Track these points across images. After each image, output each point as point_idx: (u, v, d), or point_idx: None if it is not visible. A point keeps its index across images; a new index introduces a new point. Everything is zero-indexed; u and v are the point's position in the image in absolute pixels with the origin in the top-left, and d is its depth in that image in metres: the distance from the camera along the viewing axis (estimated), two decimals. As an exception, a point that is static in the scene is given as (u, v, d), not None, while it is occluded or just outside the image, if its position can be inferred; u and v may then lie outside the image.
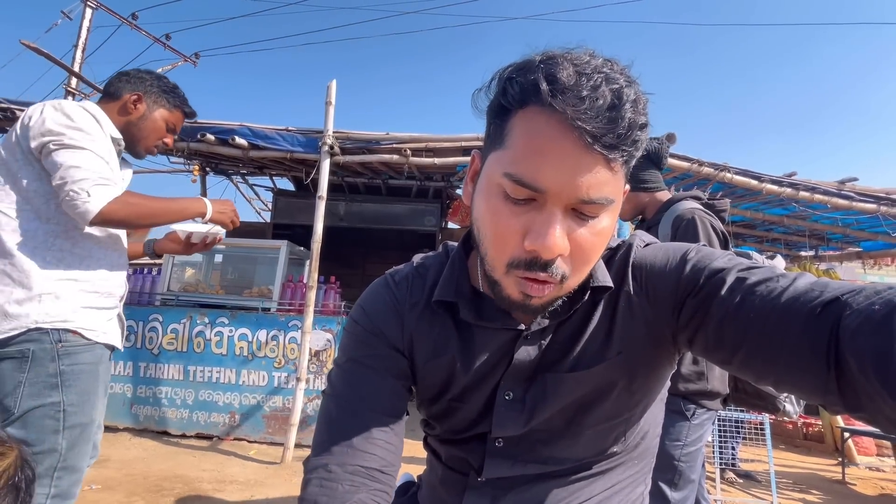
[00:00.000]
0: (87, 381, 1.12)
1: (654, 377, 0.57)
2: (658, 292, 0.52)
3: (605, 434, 0.57)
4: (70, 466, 1.10)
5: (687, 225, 1.46)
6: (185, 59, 7.93)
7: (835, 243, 4.90)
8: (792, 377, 0.40)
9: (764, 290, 0.43)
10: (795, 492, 3.32)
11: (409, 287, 0.62)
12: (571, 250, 0.45)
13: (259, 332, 3.35)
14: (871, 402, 0.35)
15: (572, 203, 0.44)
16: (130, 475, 2.52)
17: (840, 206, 3.40)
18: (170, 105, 1.37)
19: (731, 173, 3.21)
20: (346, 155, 3.36)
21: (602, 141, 0.41)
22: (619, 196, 0.47)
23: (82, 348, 1.13)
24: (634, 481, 0.61)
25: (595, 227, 0.46)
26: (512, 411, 0.56)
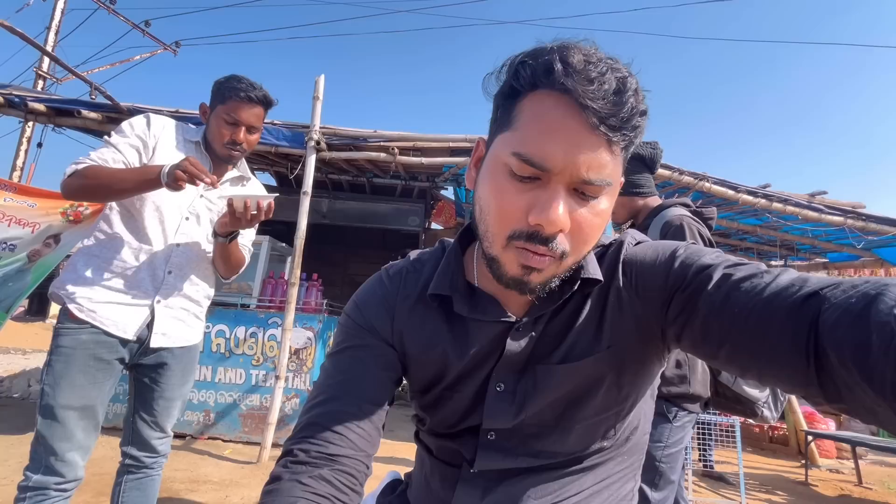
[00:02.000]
0: (61, 365, 1.18)
1: (643, 372, 0.58)
2: (647, 288, 0.54)
3: (594, 428, 0.58)
4: (46, 446, 1.15)
5: (675, 231, 1.50)
6: (165, 48, 7.70)
7: (803, 254, 5.11)
8: (774, 370, 0.41)
9: (748, 285, 0.44)
10: (762, 492, 3.44)
11: (402, 281, 0.63)
12: (571, 228, 0.48)
13: (237, 329, 3.28)
14: (850, 393, 0.36)
15: (574, 182, 0.46)
16: (98, 474, 2.42)
17: (810, 218, 3.55)
18: (221, 99, 1.34)
19: (710, 183, 3.32)
20: (332, 151, 3.31)
21: (607, 122, 0.44)
22: (617, 180, 0.49)
23: (65, 331, 1.21)
24: (624, 476, 0.62)
25: (595, 208, 0.48)
26: (503, 403, 0.57)
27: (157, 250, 1.30)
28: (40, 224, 3.02)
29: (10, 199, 3.01)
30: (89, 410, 1.20)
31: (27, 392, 4.53)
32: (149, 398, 1.34)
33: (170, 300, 1.32)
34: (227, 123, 1.34)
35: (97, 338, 1.21)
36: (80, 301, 1.21)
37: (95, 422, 1.23)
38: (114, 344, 1.24)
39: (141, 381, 1.34)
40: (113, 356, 1.24)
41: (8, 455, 2.74)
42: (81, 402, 1.18)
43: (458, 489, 0.60)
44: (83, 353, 1.19)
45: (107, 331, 1.22)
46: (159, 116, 1.37)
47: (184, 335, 1.37)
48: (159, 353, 1.32)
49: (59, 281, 1.26)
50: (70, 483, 1.18)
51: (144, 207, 1.29)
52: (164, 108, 3.19)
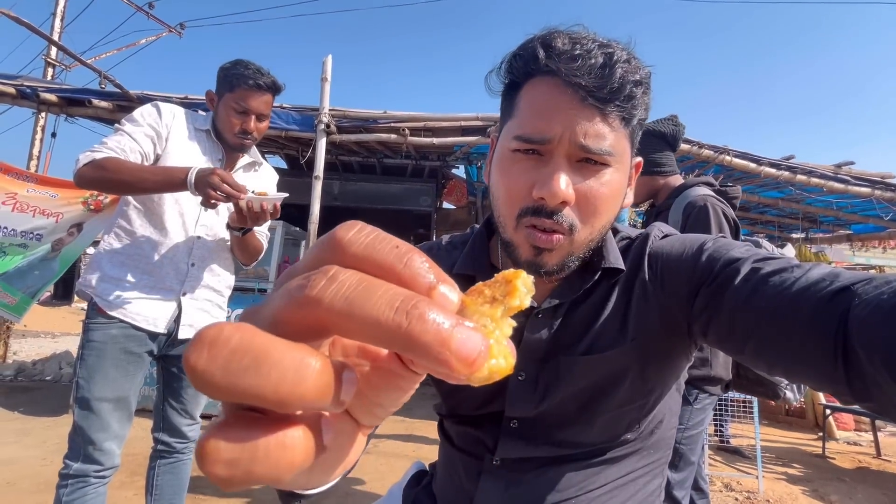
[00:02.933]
0: (93, 359, 1.22)
1: (668, 366, 0.57)
2: (674, 281, 0.53)
3: (618, 420, 0.58)
4: (84, 436, 1.20)
5: (699, 212, 1.45)
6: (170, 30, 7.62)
7: (826, 226, 4.97)
8: (801, 367, 0.40)
9: (777, 280, 0.43)
10: (778, 465, 3.45)
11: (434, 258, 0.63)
12: (578, 200, 0.49)
13: (255, 313, 3.34)
14: (880, 392, 0.34)
15: (574, 152, 0.48)
16: (131, 455, 2.53)
17: (835, 190, 3.43)
18: (228, 87, 1.31)
19: (731, 156, 3.21)
20: (342, 134, 3.28)
21: (596, 95, 0.46)
22: (622, 154, 0.50)
23: (95, 326, 1.24)
24: (650, 472, 0.61)
25: (600, 179, 0.49)
26: (524, 392, 0.57)
27: (178, 244, 1.31)
28: (63, 213, 3.11)
29: (33, 189, 3.10)
30: (123, 402, 1.25)
31: (59, 374, 4.72)
32: (177, 387, 1.38)
33: (195, 293, 1.35)
34: (236, 112, 1.31)
35: (127, 332, 1.25)
36: (110, 298, 1.24)
37: (129, 412, 1.28)
38: (143, 337, 1.27)
39: (169, 371, 1.39)
40: (143, 349, 1.28)
41: (46, 437, 2.87)
42: (115, 394, 1.23)
43: (482, 480, 0.60)
44: (114, 347, 1.23)
45: (137, 325, 1.25)
46: (168, 105, 1.36)
47: None
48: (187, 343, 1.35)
49: (85, 278, 1.28)
50: (108, 470, 1.23)
51: (164, 201, 1.30)
52: (174, 95, 3.17)
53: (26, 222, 3.07)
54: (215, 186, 1.13)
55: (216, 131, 1.37)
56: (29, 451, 2.63)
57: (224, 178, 1.15)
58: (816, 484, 3.08)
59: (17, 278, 3.09)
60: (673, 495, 1.42)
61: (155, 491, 1.40)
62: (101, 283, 1.25)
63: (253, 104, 1.32)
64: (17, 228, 3.06)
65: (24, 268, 3.11)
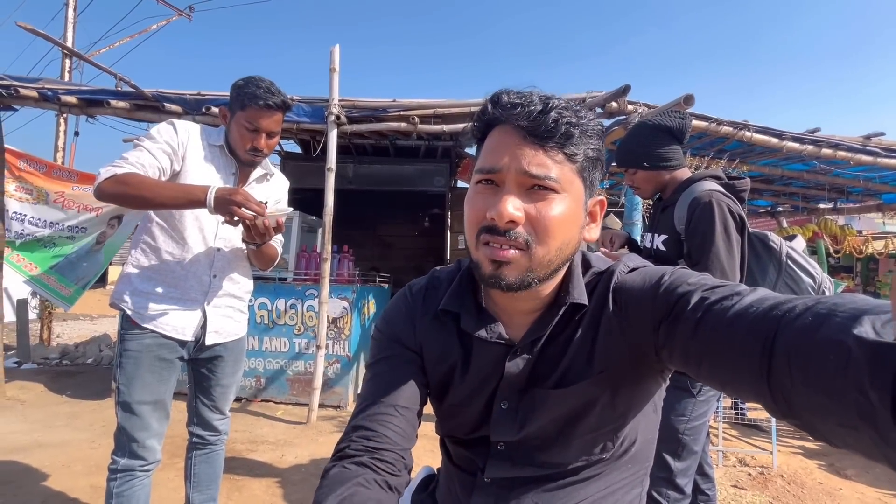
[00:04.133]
0: (131, 366, 1.32)
1: (638, 392, 0.62)
2: (636, 315, 0.57)
3: (591, 442, 0.63)
4: (128, 436, 1.32)
5: (703, 208, 1.43)
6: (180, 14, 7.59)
7: (855, 196, 4.77)
8: (740, 385, 0.44)
9: (718, 307, 0.47)
10: (795, 439, 3.47)
11: (423, 298, 0.71)
12: (530, 220, 0.55)
13: (278, 301, 3.47)
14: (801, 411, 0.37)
15: (523, 179, 0.55)
16: (170, 436, 2.72)
17: (864, 163, 3.28)
18: (240, 105, 1.35)
19: (751, 132, 3.09)
20: (352, 124, 3.28)
21: (534, 133, 0.54)
22: (570, 185, 0.56)
23: (130, 336, 1.33)
24: (629, 483, 0.67)
25: (549, 203, 0.55)
26: (506, 419, 0.63)
27: (200, 257, 1.39)
28: (103, 207, 3.35)
29: (77, 187, 3.35)
30: (160, 403, 1.36)
31: (99, 357, 5.03)
32: (207, 386, 1.50)
33: (217, 301, 1.44)
34: (247, 130, 1.36)
35: (159, 341, 1.35)
36: (141, 311, 1.34)
37: (166, 412, 1.39)
38: (173, 345, 1.37)
39: (199, 372, 1.50)
40: (174, 355, 1.38)
41: (93, 420, 3.11)
42: (153, 398, 1.34)
43: (474, 496, 0.66)
44: (149, 355, 1.33)
45: (168, 335, 1.35)
46: (183, 122, 1.41)
47: (233, 330, 1.50)
48: (214, 347, 1.45)
49: (117, 293, 1.37)
50: (151, 464, 1.36)
51: (184, 217, 1.37)
52: (187, 92, 3.22)
53: (73, 218, 3.35)
54: (240, 205, 1.20)
55: (229, 146, 1.42)
56: (79, 433, 2.86)
57: (247, 198, 1.22)
58: (833, 458, 3.10)
59: (69, 270, 3.38)
60: (676, 483, 1.47)
61: (193, 479, 1.53)
62: (133, 297, 1.35)
63: (263, 123, 1.36)
64: (65, 224, 3.35)
65: (73, 259, 3.40)
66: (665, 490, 1.48)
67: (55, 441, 2.71)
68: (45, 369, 4.49)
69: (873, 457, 0.33)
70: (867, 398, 0.31)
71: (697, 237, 1.44)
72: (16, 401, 3.45)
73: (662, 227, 1.61)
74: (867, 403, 0.31)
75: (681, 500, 1.49)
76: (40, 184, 3.29)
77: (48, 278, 3.32)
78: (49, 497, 2.07)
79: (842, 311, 0.35)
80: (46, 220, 3.29)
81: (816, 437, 0.38)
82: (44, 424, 2.99)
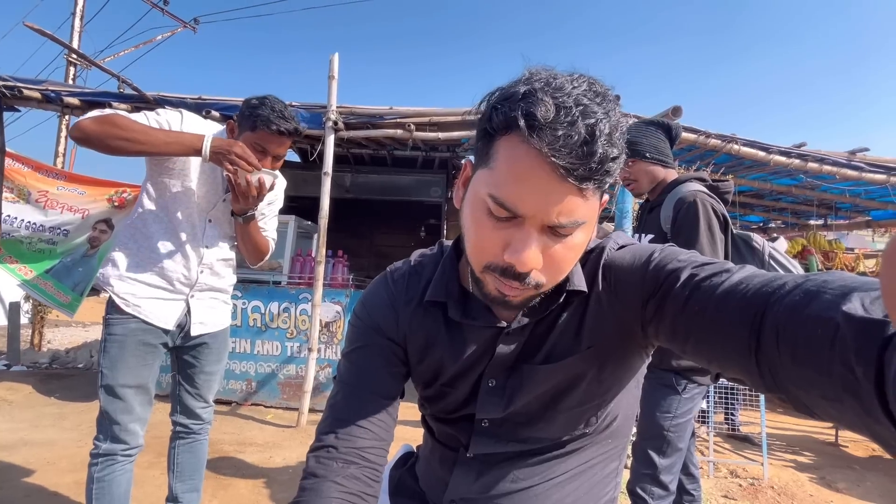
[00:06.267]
0: (115, 350, 1.33)
1: (623, 368, 0.63)
2: (626, 291, 0.57)
3: (576, 417, 0.63)
4: (110, 419, 1.32)
5: (688, 208, 1.48)
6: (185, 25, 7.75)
7: (844, 212, 4.85)
8: (727, 362, 0.44)
9: (708, 284, 0.47)
10: (788, 453, 3.46)
11: (405, 284, 0.68)
12: (546, 263, 0.50)
13: (271, 305, 3.47)
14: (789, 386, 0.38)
15: (546, 225, 0.49)
16: (157, 437, 2.69)
17: (849, 177, 3.35)
18: (251, 126, 1.35)
19: (739, 145, 3.17)
20: (349, 130, 3.35)
21: (575, 174, 0.45)
22: (591, 216, 0.51)
23: (115, 320, 1.34)
24: (607, 457, 0.68)
25: (568, 244, 0.51)
26: (493, 397, 0.63)
27: (190, 252, 1.41)
28: (89, 210, 3.26)
29: (63, 187, 3.26)
30: (143, 388, 1.37)
31: (90, 362, 4.99)
32: (191, 373, 1.50)
33: (201, 294, 1.46)
34: (254, 150, 1.34)
35: (143, 326, 1.36)
36: (126, 297, 1.35)
37: (149, 396, 1.39)
38: (158, 332, 1.38)
39: (183, 360, 1.50)
40: (158, 341, 1.39)
41: (81, 420, 3.08)
42: (136, 381, 1.35)
43: (456, 470, 0.67)
44: (133, 339, 1.34)
45: (150, 322, 1.37)
46: (192, 115, 1.41)
47: (217, 320, 1.52)
48: (199, 336, 1.47)
49: (104, 274, 1.38)
50: (133, 449, 1.36)
51: (176, 210, 1.39)
52: (188, 97, 3.29)
53: (54, 218, 3.23)
54: (240, 156, 1.21)
55: None
56: (66, 433, 2.83)
57: (246, 152, 1.23)
58: (825, 471, 3.09)
59: (66, 275, 3.27)
60: (660, 479, 1.48)
61: (176, 469, 1.53)
62: (119, 282, 1.36)
63: (272, 147, 1.36)
64: (45, 224, 3.22)
65: (69, 264, 3.28)
66: (649, 487, 1.49)
67: (41, 440, 2.69)
68: (34, 372, 4.45)
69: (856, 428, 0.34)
70: (852, 372, 0.31)
71: (682, 235, 1.48)
72: (3, 401, 3.41)
73: (649, 226, 1.66)
74: (852, 377, 0.31)
75: (665, 497, 1.49)
76: (23, 182, 3.20)
77: (44, 283, 3.24)
78: (33, 492, 2.05)
79: (831, 288, 0.36)
80: (25, 221, 3.18)
81: (799, 409, 0.39)
82: (30, 424, 2.96)
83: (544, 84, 0.47)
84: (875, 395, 0.29)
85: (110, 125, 1.17)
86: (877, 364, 0.29)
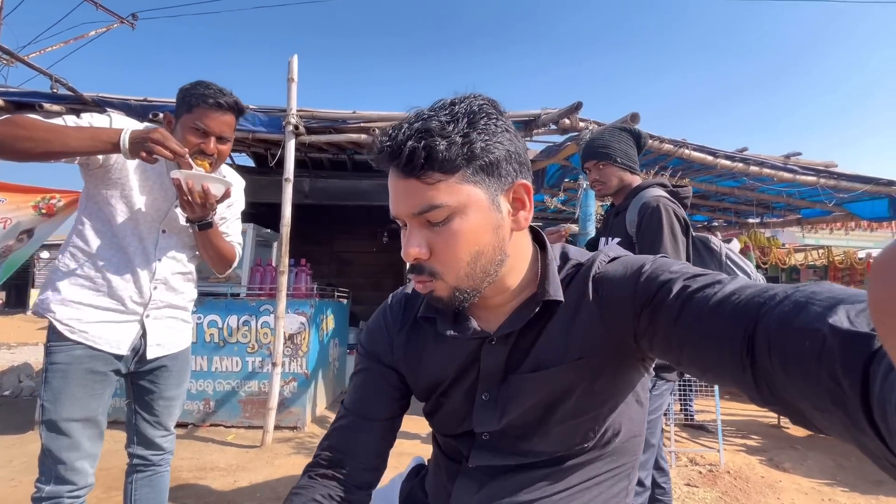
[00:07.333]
0: (58, 380, 1.19)
1: (619, 380, 0.62)
2: (617, 302, 0.58)
3: (573, 430, 0.63)
4: (54, 458, 1.18)
5: (652, 212, 1.55)
6: (122, 21, 7.24)
7: (778, 211, 5.27)
8: (722, 372, 0.45)
9: (700, 295, 0.48)
10: (738, 437, 3.69)
11: (401, 309, 0.74)
12: (433, 252, 0.57)
13: (230, 318, 3.29)
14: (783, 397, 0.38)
15: (414, 218, 0.57)
16: (105, 469, 2.47)
17: (785, 179, 3.64)
18: (187, 107, 1.24)
19: (689, 150, 3.36)
20: (311, 135, 3.24)
21: (403, 169, 0.55)
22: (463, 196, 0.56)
23: (58, 348, 1.21)
24: (615, 476, 0.66)
25: (447, 232, 0.56)
26: (487, 410, 0.65)
27: (139, 268, 1.28)
28: (11, 219, 2.95)
29: None
30: (92, 421, 1.23)
31: (18, 388, 4.52)
32: (149, 400, 1.37)
33: (158, 313, 1.33)
34: (194, 133, 1.24)
35: (91, 352, 1.22)
36: (70, 323, 1.21)
37: (99, 430, 1.26)
38: (108, 357, 1.25)
39: (139, 385, 1.37)
40: (108, 368, 1.26)
41: (11, 455, 2.77)
42: (83, 414, 1.21)
43: (458, 481, 0.68)
44: (78, 367, 1.21)
45: (100, 349, 1.24)
46: (123, 118, 1.28)
47: (176, 341, 1.39)
48: (157, 359, 1.35)
49: (43, 300, 1.24)
50: (82, 490, 1.22)
51: (122, 225, 1.27)
52: (132, 98, 3.05)
53: None
54: (157, 142, 1.08)
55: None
56: (-5, 471, 2.54)
57: (166, 136, 1.10)
58: (772, 453, 3.32)
59: None
60: (638, 477, 1.52)
61: None
62: (61, 307, 1.22)
63: (212, 124, 1.25)
64: None
65: None
66: (627, 484, 1.53)
67: (-35, 481, 2.39)
68: (-48, 403, 3.98)
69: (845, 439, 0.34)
70: (839, 385, 0.31)
71: (647, 238, 1.54)
72: (-85, 439, 3.02)
73: (615, 230, 1.72)
74: (839, 390, 0.32)
75: (641, 492, 1.54)
76: None
77: None
78: (-42, 543, 1.82)
79: (819, 300, 0.36)
80: None
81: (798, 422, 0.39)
82: (-49, 463, 2.63)
83: (410, 117, 0.57)
84: (861, 408, 0.30)
85: (12, 126, 1.06)
86: (862, 377, 0.30)
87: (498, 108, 0.59)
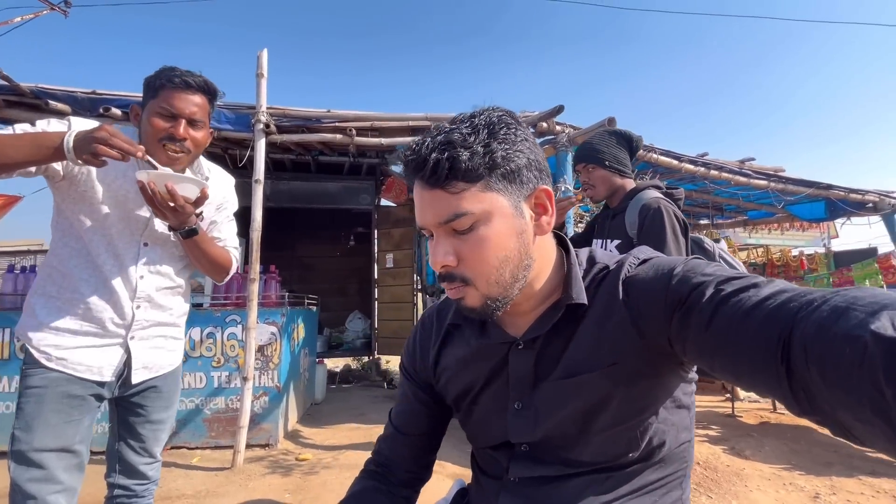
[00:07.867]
0: (32, 406, 1.08)
1: (657, 386, 0.60)
2: (650, 306, 0.56)
3: (615, 439, 0.61)
4: (25, 494, 1.05)
5: (654, 214, 1.57)
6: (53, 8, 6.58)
7: (729, 213, 5.64)
8: (756, 380, 0.44)
9: (735, 300, 0.46)
10: (699, 428, 3.88)
11: (433, 322, 0.78)
12: (461, 260, 0.58)
13: (192, 331, 3.04)
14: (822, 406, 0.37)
15: (438, 229, 0.58)
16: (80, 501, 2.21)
17: (740, 183, 3.90)
18: (153, 93, 1.11)
19: (657, 154, 3.51)
20: (283, 134, 3.06)
21: (426, 181, 0.57)
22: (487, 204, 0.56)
23: (35, 371, 1.10)
24: (666, 486, 0.64)
25: (473, 238, 0.57)
26: (520, 419, 0.64)
27: (118, 287, 1.15)
28: None
29: None
30: (68, 450, 1.09)
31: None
32: (134, 423, 1.24)
33: (143, 333, 1.21)
34: (162, 118, 1.10)
35: (69, 376, 1.10)
36: (47, 350, 1.09)
37: (78, 461, 1.11)
38: (87, 381, 1.12)
39: (124, 408, 1.24)
40: (87, 392, 1.13)
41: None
42: (59, 444, 1.08)
43: (502, 496, 0.66)
44: (55, 391, 1.08)
45: (81, 377, 1.11)
46: (82, 120, 1.14)
47: (166, 361, 1.27)
48: (142, 382, 1.21)
49: (20, 326, 1.12)
50: None
51: (95, 241, 1.14)
52: (79, 90, 2.74)
53: None
54: (103, 140, 0.93)
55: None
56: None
57: (113, 133, 0.96)
58: (732, 442, 3.51)
59: None
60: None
61: None
62: (38, 333, 1.09)
63: (180, 104, 1.11)
64: None
65: None
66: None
67: None
68: None
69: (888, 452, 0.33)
70: (881, 394, 0.30)
71: (650, 240, 1.56)
72: None
73: (615, 232, 1.73)
74: (881, 399, 0.30)
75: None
76: None
77: None
78: None
79: (861, 305, 0.35)
80: None
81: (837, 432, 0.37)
82: None
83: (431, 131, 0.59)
84: None
85: None
86: None
87: (516, 118, 0.60)
